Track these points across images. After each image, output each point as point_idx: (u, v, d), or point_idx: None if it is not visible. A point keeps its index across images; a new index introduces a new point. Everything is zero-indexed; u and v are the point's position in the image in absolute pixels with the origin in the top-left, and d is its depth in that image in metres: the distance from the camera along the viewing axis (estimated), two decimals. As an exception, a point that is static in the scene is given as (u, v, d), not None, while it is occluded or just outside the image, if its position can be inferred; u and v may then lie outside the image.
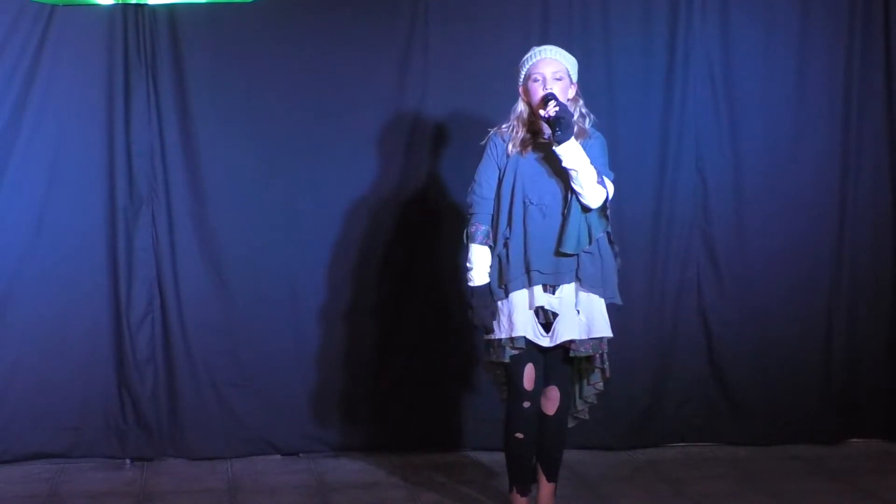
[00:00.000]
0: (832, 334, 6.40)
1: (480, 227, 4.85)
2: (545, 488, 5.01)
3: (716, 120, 6.26)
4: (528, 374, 4.85)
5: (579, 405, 5.03)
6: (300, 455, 6.13)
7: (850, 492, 5.62)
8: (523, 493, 5.00)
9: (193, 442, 6.06)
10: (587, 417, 5.10)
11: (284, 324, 6.10)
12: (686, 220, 6.27)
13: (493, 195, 4.86)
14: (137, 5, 5.85)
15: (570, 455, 5.81)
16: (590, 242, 4.76)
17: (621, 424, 6.25)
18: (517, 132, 4.84)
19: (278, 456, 6.12)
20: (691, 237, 6.29)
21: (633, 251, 6.16)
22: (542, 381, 4.91)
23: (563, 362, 4.88)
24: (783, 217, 6.33)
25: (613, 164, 6.08)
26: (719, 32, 6.24)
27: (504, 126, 4.90)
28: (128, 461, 6.00)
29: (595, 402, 5.05)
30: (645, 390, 6.28)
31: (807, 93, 6.32)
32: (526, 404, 4.87)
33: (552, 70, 4.77)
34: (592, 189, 4.72)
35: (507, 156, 4.83)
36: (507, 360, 4.81)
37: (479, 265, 4.84)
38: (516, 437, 4.90)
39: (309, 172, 6.07)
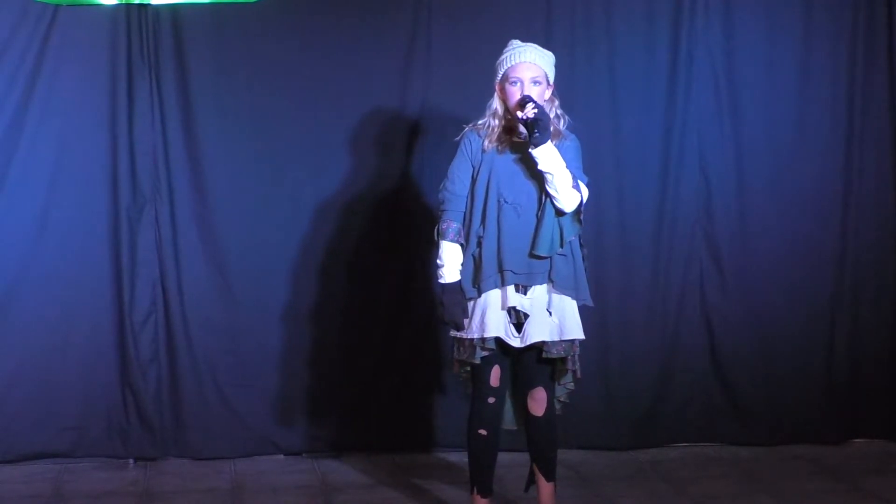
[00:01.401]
0: (835, 334, 6.39)
1: (452, 225, 4.81)
2: (545, 488, 4.98)
3: (718, 120, 6.25)
4: (495, 373, 4.85)
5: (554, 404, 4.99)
6: (303, 455, 6.13)
7: (852, 492, 5.61)
8: (484, 495, 4.97)
9: (196, 442, 6.05)
10: (561, 413, 5.04)
11: (287, 324, 6.10)
12: (689, 220, 6.27)
13: (465, 192, 4.83)
14: (140, 5, 5.85)
15: (571, 455, 5.91)
16: (561, 245, 4.73)
17: (623, 424, 6.24)
18: (493, 129, 4.82)
19: (281, 456, 6.12)
20: (694, 237, 6.28)
21: (636, 251, 6.21)
22: (526, 383, 4.89)
23: (540, 363, 4.84)
24: (786, 217, 6.32)
25: (616, 164, 6.19)
26: (722, 32, 6.23)
27: (480, 122, 4.87)
28: (131, 461, 6.00)
29: (568, 401, 5.02)
30: (647, 390, 6.28)
31: (810, 92, 6.31)
32: (491, 400, 4.86)
33: (531, 75, 4.74)
34: (567, 193, 4.70)
35: (483, 152, 4.80)
36: (477, 361, 4.79)
37: (450, 262, 4.80)
38: (480, 434, 4.88)
39: (312, 172, 6.06)
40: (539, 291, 4.77)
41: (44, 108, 5.85)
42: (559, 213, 4.73)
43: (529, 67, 4.76)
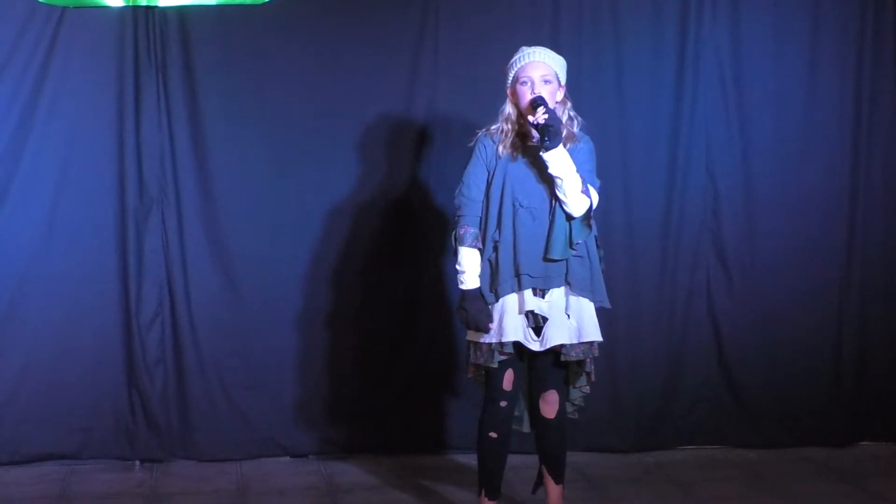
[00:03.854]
0: (843, 336, 6.36)
1: (469, 230, 4.81)
2: (553, 490, 5.00)
3: (726, 121, 6.24)
4: (509, 377, 4.84)
5: (568, 408, 4.99)
6: (310, 457, 6.12)
7: (859, 494, 5.61)
8: (492, 497, 4.97)
9: (203, 443, 6.05)
10: (577, 417, 5.09)
11: (294, 325, 6.10)
12: (696, 222, 6.25)
13: (481, 197, 4.83)
14: (148, 7, 5.84)
15: (579, 457, 5.87)
16: (571, 247, 4.73)
17: (631, 427, 6.23)
18: (506, 134, 4.82)
19: (288, 457, 6.12)
20: (701, 239, 6.27)
21: (643, 253, 6.21)
22: (539, 386, 4.89)
23: (555, 366, 4.85)
24: (793, 218, 6.30)
25: (623, 165, 6.17)
26: (729, 33, 6.22)
27: (493, 127, 4.87)
28: (137, 462, 6.00)
29: (582, 404, 5.04)
30: (655, 392, 6.26)
31: (817, 93, 6.29)
32: (503, 403, 4.86)
33: (541, 73, 4.74)
34: (576, 198, 4.70)
35: (498, 157, 4.80)
36: (495, 365, 4.79)
37: (470, 268, 4.80)
38: (490, 437, 4.88)
39: (319, 174, 6.06)
40: (557, 294, 4.77)
41: (51, 110, 5.84)
42: (568, 217, 4.73)
43: (539, 66, 4.76)
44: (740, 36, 6.23)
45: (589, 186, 4.76)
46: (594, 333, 4.81)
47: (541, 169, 4.74)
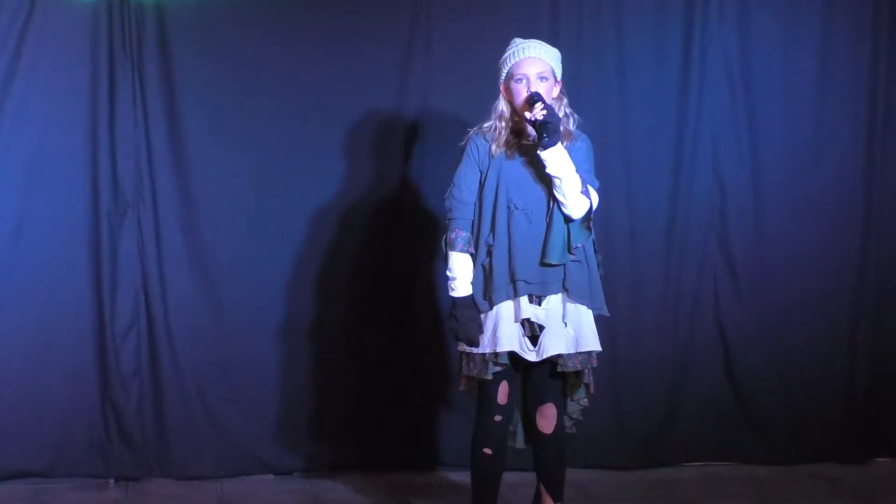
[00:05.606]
0: (856, 345, 6.31)
1: (461, 234, 4.70)
2: (552, 509, 4.94)
3: (733, 121, 6.20)
4: (503, 389, 4.74)
5: (566, 422, 4.89)
6: (294, 474, 6.05)
7: (874, 513, 5.60)
8: None
9: (181, 460, 5.96)
10: (574, 431, 4.99)
11: (278, 334, 6.03)
12: (702, 225, 6.22)
13: (473, 199, 4.72)
14: (123, -1, 5.85)
15: (580, 474, 5.82)
16: (569, 251, 4.63)
17: (634, 442, 6.17)
18: (500, 132, 4.71)
19: (271, 475, 6.04)
20: (707, 243, 6.23)
21: (647, 257, 6.18)
22: (536, 399, 4.78)
23: (552, 377, 4.75)
24: (804, 222, 6.25)
25: (626, 166, 6.19)
26: (737, 30, 6.18)
27: (485, 125, 4.78)
28: (111, 480, 5.92)
29: (580, 417, 4.95)
30: (659, 405, 6.21)
31: (829, 92, 6.24)
32: (497, 418, 4.76)
33: (537, 70, 4.64)
34: (575, 199, 4.60)
35: (491, 157, 4.70)
36: (489, 377, 4.69)
37: (462, 275, 4.69)
38: (484, 453, 4.78)
39: (304, 175, 6.00)
40: (554, 301, 4.67)
41: (20, 107, 5.77)
42: (567, 219, 4.64)
43: (534, 62, 4.66)
44: (749, 30, 6.19)
45: (589, 187, 4.67)
46: (593, 343, 4.71)
47: (537, 168, 4.64)
